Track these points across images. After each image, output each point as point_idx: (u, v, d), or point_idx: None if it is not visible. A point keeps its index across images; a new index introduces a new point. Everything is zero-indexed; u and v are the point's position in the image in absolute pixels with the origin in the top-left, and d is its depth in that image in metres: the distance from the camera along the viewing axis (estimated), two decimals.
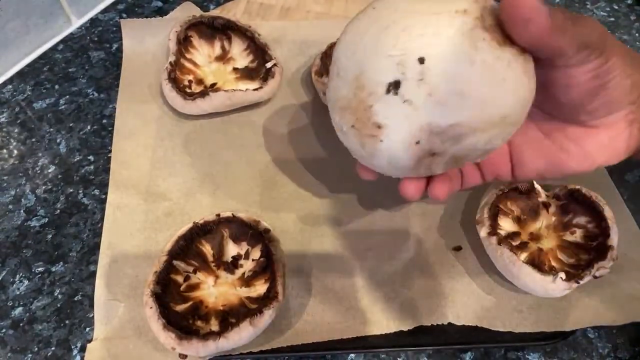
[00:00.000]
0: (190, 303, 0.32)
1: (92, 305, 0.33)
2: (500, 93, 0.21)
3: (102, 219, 0.37)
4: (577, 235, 0.35)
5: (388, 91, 0.21)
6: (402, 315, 0.33)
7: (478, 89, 0.20)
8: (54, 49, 0.49)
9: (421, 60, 0.20)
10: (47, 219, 0.38)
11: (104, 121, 0.44)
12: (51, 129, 0.43)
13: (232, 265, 0.34)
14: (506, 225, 0.36)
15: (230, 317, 0.31)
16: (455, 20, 0.20)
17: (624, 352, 0.34)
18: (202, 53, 0.46)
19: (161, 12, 0.53)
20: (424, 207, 0.39)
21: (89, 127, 0.44)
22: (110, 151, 0.41)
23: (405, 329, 0.33)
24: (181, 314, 0.31)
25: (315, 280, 0.35)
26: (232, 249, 0.35)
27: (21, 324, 0.33)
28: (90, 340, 0.32)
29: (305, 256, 0.36)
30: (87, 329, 0.33)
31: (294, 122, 0.44)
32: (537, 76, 0.23)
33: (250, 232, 0.35)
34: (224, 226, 0.35)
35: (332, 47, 0.46)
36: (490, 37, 0.20)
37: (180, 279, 0.33)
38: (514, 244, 0.34)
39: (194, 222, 0.34)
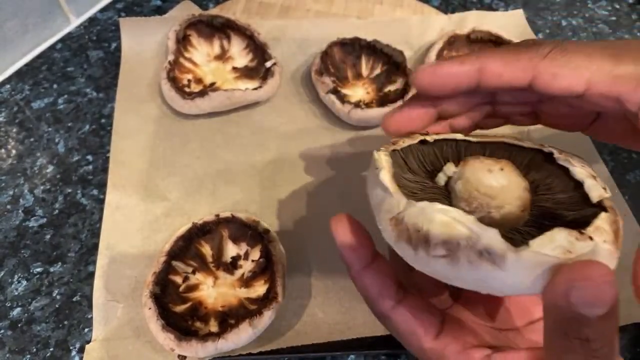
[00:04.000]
0: (189, 304, 0.32)
1: (90, 306, 0.33)
2: None
3: (100, 219, 0.37)
4: None
5: None
6: None
7: None
8: (52, 48, 0.49)
9: None
10: (45, 219, 0.38)
11: (103, 121, 0.44)
12: (49, 129, 0.43)
13: (232, 265, 0.34)
14: None
15: (230, 318, 0.31)
16: None
17: (625, 353, 0.33)
18: (201, 52, 0.46)
19: (160, 11, 0.53)
20: None
21: (87, 127, 0.43)
22: (108, 151, 0.41)
23: None
24: (180, 315, 0.31)
25: (315, 281, 0.35)
26: (231, 250, 0.35)
27: (19, 325, 0.33)
28: (89, 341, 0.32)
29: (305, 256, 0.36)
30: (86, 329, 0.33)
31: (294, 121, 0.44)
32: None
33: (250, 232, 0.35)
34: (223, 226, 0.35)
35: (332, 46, 0.45)
36: None
37: (179, 279, 0.33)
38: None
39: (193, 223, 0.34)
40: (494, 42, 0.46)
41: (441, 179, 0.24)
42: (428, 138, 0.25)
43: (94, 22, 0.52)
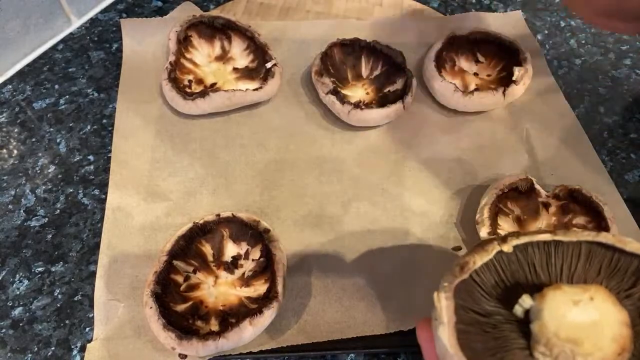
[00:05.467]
0: (190, 303, 0.32)
1: (92, 305, 0.33)
2: None
3: (102, 218, 0.37)
4: None
5: None
6: (402, 316, 0.33)
7: None
8: (53, 48, 0.49)
9: None
10: (47, 219, 0.38)
11: (104, 121, 0.44)
12: (51, 129, 0.43)
13: (232, 265, 0.34)
14: (506, 225, 0.36)
15: (230, 317, 0.31)
16: None
17: None
18: (202, 53, 0.46)
19: (161, 12, 0.53)
20: (424, 207, 0.39)
21: (88, 127, 0.44)
22: (110, 151, 0.41)
23: (405, 329, 0.33)
24: (181, 314, 0.31)
25: (315, 280, 0.35)
26: (231, 249, 0.35)
27: (21, 324, 0.33)
28: (90, 340, 0.32)
29: (305, 256, 0.36)
30: (87, 329, 0.33)
31: (294, 122, 0.44)
32: None
33: (250, 232, 0.35)
34: (224, 226, 0.35)
35: (332, 46, 0.46)
36: None
37: (180, 279, 0.33)
38: None
39: (193, 222, 0.34)
40: (493, 43, 0.47)
41: (518, 311, 0.21)
42: (505, 247, 0.22)
43: (95, 22, 0.52)
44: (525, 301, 0.21)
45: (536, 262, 0.22)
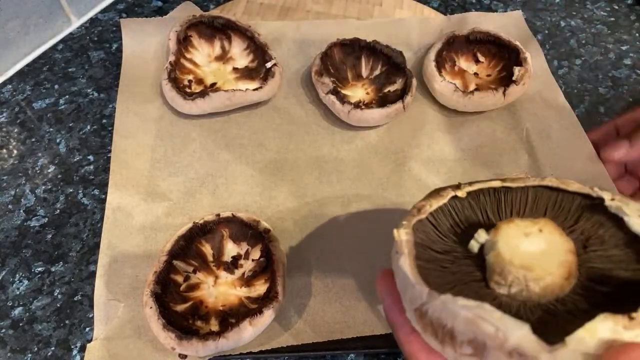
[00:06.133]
0: (190, 303, 0.32)
1: (92, 305, 0.33)
2: None
3: (102, 218, 0.37)
4: None
5: None
6: None
7: None
8: (53, 48, 0.49)
9: None
10: (46, 219, 0.38)
11: (104, 121, 0.44)
12: (51, 129, 0.43)
13: (232, 265, 0.34)
14: None
15: (230, 317, 0.31)
16: None
17: None
18: (202, 53, 0.46)
19: (161, 11, 0.53)
20: None
21: (88, 127, 0.44)
22: (110, 151, 0.41)
23: None
24: (181, 314, 0.31)
25: (315, 280, 0.35)
26: (231, 249, 0.35)
27: (21, 324, 0.33)
28: (90, 340, 0.32)
29: (305, 256, 0.36)
30: (87, 329, 0.33)
31: (294, 122, 0.44)
32: None
33: (250, 232, 0.35)
34: (224, 226, 0.35)
35: (332, 46, 0.46)
36: None
37: (180, 279, 0.33)
38: None
39: (193, 222, 0.34)
40: (493, 43, 0.47)
41: (474, 246, 0.22)
42: (459, 193, 0.23)
43: (95, 22, 0.52)
44: (481, 235, 0.22)
45: (487, 207, 0.24)
